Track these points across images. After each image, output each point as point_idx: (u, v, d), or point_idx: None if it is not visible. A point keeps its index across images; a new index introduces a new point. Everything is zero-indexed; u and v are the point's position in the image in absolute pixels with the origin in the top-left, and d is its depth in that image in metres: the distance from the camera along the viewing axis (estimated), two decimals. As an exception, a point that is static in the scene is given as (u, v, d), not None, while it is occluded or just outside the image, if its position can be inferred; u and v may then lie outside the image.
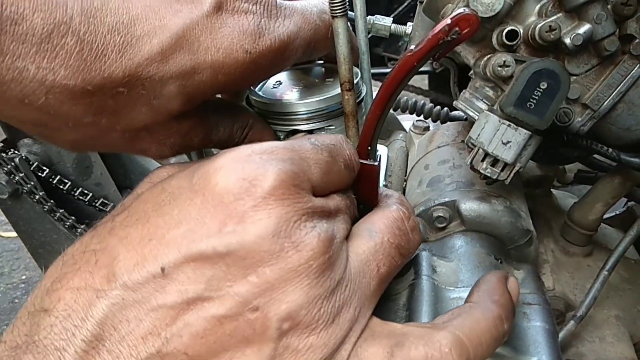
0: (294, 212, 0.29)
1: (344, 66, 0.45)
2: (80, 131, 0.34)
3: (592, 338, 0.53)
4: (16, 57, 0.29)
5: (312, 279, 0.29)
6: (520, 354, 0.39)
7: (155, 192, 0.32)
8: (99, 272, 0.28)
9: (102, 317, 0.28)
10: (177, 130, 0.38)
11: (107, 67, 0.31)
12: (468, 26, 0.33)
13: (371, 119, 0.38)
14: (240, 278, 0.28)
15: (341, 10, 0.43)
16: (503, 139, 0.47)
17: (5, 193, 0.73)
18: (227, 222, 0.28)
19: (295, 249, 0.29)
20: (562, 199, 0.69)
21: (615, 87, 0.48)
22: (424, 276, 0.44)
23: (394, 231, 0.35)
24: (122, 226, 0.30)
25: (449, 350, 0.31)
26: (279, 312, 0.28)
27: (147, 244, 0.29)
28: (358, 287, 0.32)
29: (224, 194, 0.29)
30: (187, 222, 0.29)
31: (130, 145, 0.38)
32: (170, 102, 0.34)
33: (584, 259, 0.59)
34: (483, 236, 0.50)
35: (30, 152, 0.75)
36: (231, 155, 0.30)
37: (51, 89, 0.30)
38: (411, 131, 0.76)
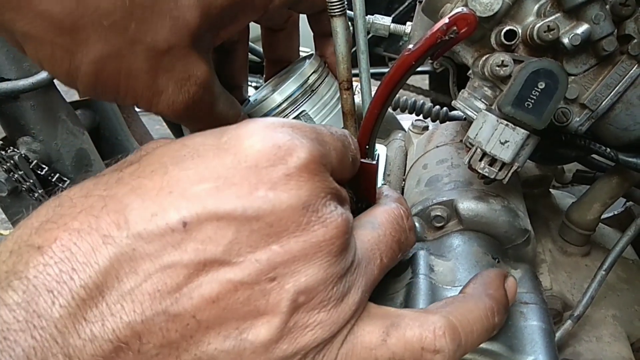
0: (322, 189, 0.29)
1: (342, 65, 0.45)
2: (107, 40, 0.33)
3: (589, 337, 0.53)
4: None
5: (332, 257, 0.29)
6: (517, 352, 0.39)
7: (175, 147, 0.29)
8: (107, 217, 0.26)
9: (107, 265, 0.25)
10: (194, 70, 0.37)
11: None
12: (466, 25, 0.34)
13: (369, 118, 0.39)
14: (263, 245, 0.27)
15: (340, 10, 0.43)
16: (501, 139, 0.47)
17: (4, 191, 0.73)
18: (260, 186, 0.27)
19: (321, 224, 0.28)
20: (560, 198, 0.69)
21: (613, 87, 0.48)
22: (422, 275, 0.44)
23: (395, 226, 0.36)
24: (134, 177, 0.28)
25: (442, 333, 0.32)
26: (297, 284, 0.28)
27: (167, 196, 0.27)
28: (365, 272, 0.32)
29: (258, 158, 0.28)
30: (215, 180, 0.27)
31: (151, 76, 0.36)
32: (189, 12, 0.34)
33: (581, 259, 0.59)
34: (481, 235, 0.50)
35: (29, 150, 0.75)
36: (263, 123, 0.30)
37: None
38: (410, 131, 0.76)
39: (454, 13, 0.33)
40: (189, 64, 0.37)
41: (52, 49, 0.34)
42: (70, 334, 0.24)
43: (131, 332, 0.25)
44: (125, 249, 0.26)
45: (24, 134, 0.77)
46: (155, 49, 0.35)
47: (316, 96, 0.49)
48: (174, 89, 0.37)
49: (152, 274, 0.26)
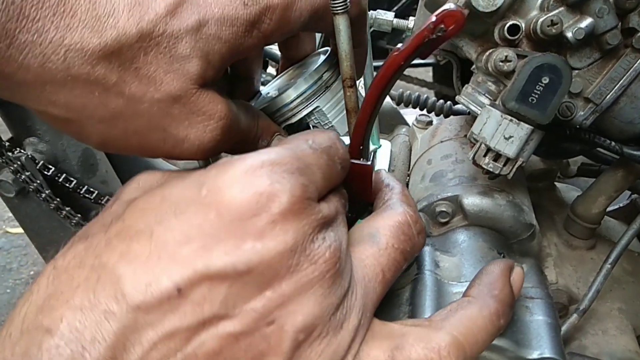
0: (309, 226, 0.29)
1: (345, 63, 0.45)
2: (107, 106, 0.33)
3: (595, 331, 0.53)
4: (36, 20, 0.29)
5: (325, 289, 0.29)
6: (523, 347, 0.40)
7: (154, 201, 0.30)
8: (104, 291, 0.27)
9: (114, 340, 0.26)
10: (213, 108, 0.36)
11: (121, 25, 0.31)
12: (453, 23, 0.33)
13: (362, 118, 0.39)
14: (256, 294, 0.28)
15: (342, 7, 0.43)
16: (505, 134, 0.47)
17: (12, 192, 0.73)
18: (246, 238, 0.28)
19: (309, 262, 0.29)
20: (565, 192, 0.69)
21: (617, 81, 0.48)
22: (427, 271, 0.45)
23: (399, 236, 0.35)
24: (120, 238, 0.29)
25: (447, 353, 0.32)
26: (295, 323, 0.28)
27: (157, 262, 0.27)
28: (364, 292, 0.32)
29: (241, 210, 0.28)
30: (201, 238, 0.28)
31: (164, 130, 0.35)
32: (189, 62, 0.34)
33: (587, 252, 0.59)
34: (486, 231, 0.51)
35: (36, 151, 0.75)
36: (242, 167, 0.29)
37: (70, 49, 0.31)
38: (414, 126, 0.76)
39: (441, 10, 0.33)
40: (205, 105, 0.36)
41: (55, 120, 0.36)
42: None
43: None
44: (127, 322, 0.27)
45: (30, 135, 0.78)
46: (158, 103, 0.34)
47: (330, 93, 0.49)
48: (197, 133, 0.36)
49: (157, 342, 0.27)
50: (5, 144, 0.71)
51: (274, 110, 0.48)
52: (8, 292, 2.22)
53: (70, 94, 0.32)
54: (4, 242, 2.47)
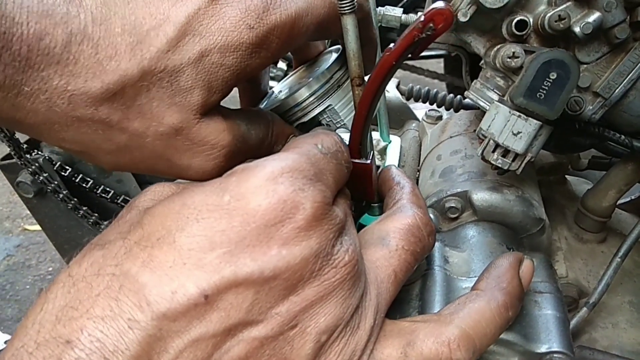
0: (330, 231, 0.31)
1: (353, 62, 0.46)
2: (112, 141, 0.34)
3: (605, 324, 0.54)
4: (41, 69, 0.30)
5: (345, 291, 0.31)
6: (532, 341, 0.40)
7: (174, 208, 0.30)
8: (127, 300, 0.26)
9: (138, 349, 0.26)
10: (215, 137, 0.36)
11: (122, 66, 0.32)
12: (442, 21, 0.33)
13: (358, 119, 0.39)
14: (282, 299, 0.29)
15: (349, 7, 0.43)
16: (514, 130, 0.47)
17: (30, 192, 0.75)
18: (272, 244, 0.28)
19: (331, 266, 0.30)
20: (576, 185, 0.69)
21: (626, 75, 0.48)
22: (437, 267, 0.45)
23: (409, 238, 0.36)
24: (142, 246, 0.28)
25: (457, 346, 0.33)
26: (318, 326, 0.30)
27: (182, 269, 0.27)
28: (378, 292, 0.34)
29: (266, 217, 0.28)
30: (226, 244, 0.28)
31: (168, 159, 0.36)
32: (190, 94, 0.34)
33: (597, 246, 0.59)
34: (495, 226, 0.51)
35: (52, 152, 0.77)
36: (263, 175, 0.30)
37: (74, 94, 0.31)
38: (424, 120, 0.76)
39: (430, 9, 0.33)
40: (207, 135, 0.36)
41: (68, 151, 0.36)
42: None
43: None
44: (153, 331, 0.26)
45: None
46: (162, 136, 0.34)
47: (342, 91, 0.50)
48: (200, 162, 0.36)
49: (183, 350, 0.27)
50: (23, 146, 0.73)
51: (285, 109, 0.48)
52: (27, 287, 2.26)
53: (77, 132, 0.33)
54: (22, 239, 2.52)
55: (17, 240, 2.52)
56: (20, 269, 2.36)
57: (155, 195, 0.35)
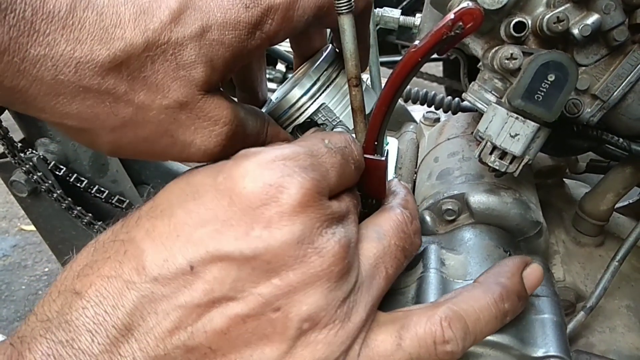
0: (317, 219, 0.31)
1: (350, 62, 0.45)
2: (117, 115, 0.34)
3: (603, 328, 0.53)
4: (47, 34, 0.31)
5: (332, 283, 0.31)
6: (528, 345, 0.40)
7: (180, 185, 0.33)
8: (129, 263, 0.30)
9: (132, 307, 0.29)
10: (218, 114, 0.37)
11: (127, 35, 0.32)
12: (472, 20, 0.33)
13: (377, 114, 0.39)
14: (264, 280, 0.30)
15: (347, 7, 0.43)
16: (511, 132, 0.47)
17: (24, 192, 0.75)
18: (254, 226, 0.30)
19: (317, 254, 0.30)
20: (574, 188, 0.68)
21: (625, 77, 0.48)
22: (433, 269, 0.45)
23: (400, 234, 0.37)
24: (148, 217, 0.32)
25: (448, 324, 0.34)
26: (300, 312, 0.30)
27: (175, 240, 0.30)
28: (370, 287, 0.34)
29: (251, 199, 0.30)
30: (214, 223, 0.30)
31: (171, 136, 0.36)
32: (194, 69, 0.35)
33: (595, 249, 0.59)
34: (492, 229, 0.51)
35: (47, 151, 0.76)
36: (256, 160, 0.31)
37: (80, 61, 0.32)
38: (421, 123, 0.76)
39: (460, 8, 0.33)
40: (210, 110, 0.36)
41: (67, 129, 0.37)
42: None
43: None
44: (146, 293, 0.30)
45: (41, 135, 0.79)
46: (166, 110, 0.35)
47: (334, 87, 0.49)
48: (203, 138, 0.37)
49: (169, 312, 0.30)
50: (17, 145, 0.72)
51: (281, 112, 0.48)
52: (23, 288, 2.25)
53: (82, 104, 0.33)
54: (18, 239, 2.51)
55: (13, 240, 2.51)
56: (17, 269, 2.35)
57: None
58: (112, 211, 0.78)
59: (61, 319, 0.30)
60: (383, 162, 0.40)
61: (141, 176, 0.84)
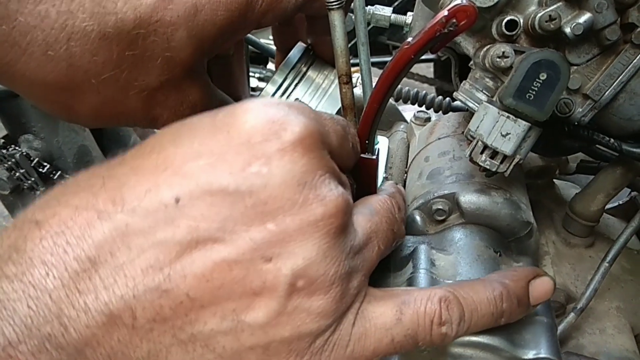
0: (320, 166, 0.28)
1: (341, 59, 0.45)
2: (101, 92, 0.34)
3: (593, 330, 0.53)
4: (38, 2, 0.29)
5: (331, 237, 0.28)
6: (519, 347, 0.39)
7: (175, 126, 0.30)
8: (104, 194, 0.26)
9: (101, 239, 0.26)
10: (188, 96, 0.37)
11: (119, 10, 0.31)
12: (465, 17, 0.33)
13: (369, 112, 0.38)
14: (257, 223, 0.27)
15: (337, 3, 0.42)
16: (502, 131, 0.46)
17: (6, 189, 0.73)
18: (252, 161, 0.27)
19: (319, 202, 0.28)
20: (564, 189, 0.68)
21: (616, 77, 0.47)
22: (422, 270, 0.44)
23: (389, 215, 0.36)
24: (134, 157, 0.29)
25: (446, 306, 0.33)
26: (294, 266, 0.27)
27: (161, 173, 0.27)
28: (364, 257, 0.32)
29: (251, 133, 0.27)
30: (208, 156, 0.27)
31: (146, 110, 0.36)
32: (182, 50, 0.34)
33: (585, 250, 0.59)
34: (483, 229, 0.50)
35: (30, 148, 0.75)
36: (261, 101, 0.29)
37: (72, 35, 0.30)
38: (412, 122, 0.76)
39: (453, 5, 0.33)
40: (181, 92, 0.36)
41: (50, 104, 0.35)
42: (64, 304, 0.25)
43: (124, 306, 0.25)
44: (119, 224, 0.26)
45: (25, 132, 0.77)
46: (148, 88, 0.35)
47: (306, 81, 0.49)
48: (169, 115, 0.37)
49: (145, 249, 0.26)
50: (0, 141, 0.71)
51: None
52: (8, 288, 2.22)
53: (72, 82, 0.33)
54: (3, 238, 2.48)
55: (-2, 239, 2.48)
56: (1, 268, 2.32)
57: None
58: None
59: (12, 251, 0.26)
60: (374, 160, 0.40)
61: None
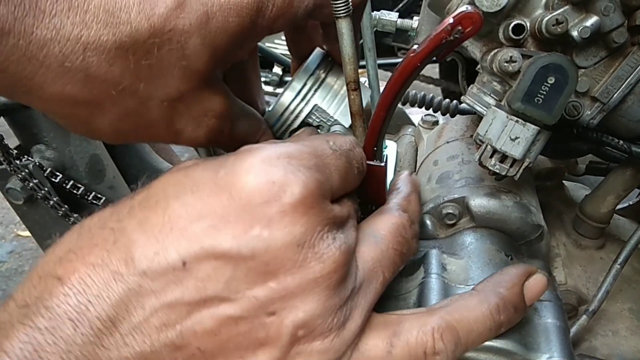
0: (319, 222, 0.30)
1: (349, 66, 0.45)
2: (120, 104, 0.34)
3: (605, 332, 0.53)
4: (53, 14, 0.30)
5: (330, 290, 0.30)
6: (531, 351, 0.39)
7: (178, 176, 0.31)
8: (117, 253, 0.28)
9: (118, 300, 0.28)
10: (211, 106, 0.38)
11: (133, 20, 0.32)
12: (471, 25, 0.33)
13: (376, 120, 0.39)
14: (260, 282, 0.29)
15: (345, 11, 0.43)
16: (511, 135, 0.47)
17: (20, 199, 0.74)
18: (254, 224, 0.28)
19: (317, 260, 0.29)
20: (574, 190, 0.68)
21: (624, 79, 0.47)
22: (434, 274, 0.44)
23: (398, 238, 0.36)
24: (141, 207, 0.30)
25: (440, 336, 0.33)
26: (296, 319, 0.29)
27: (168, 234, 0.28)
28: (366, 292, 0.33)
29: (252, 196, 0.29)
30: (211, 218, 0.28)
31: (168, 123, 0.37)
32: (198, 59, 0.34)
33: (596, 252, 0.59)
34: (493, 232, 0.50)
35: (43, 158, 0.76)
36: (259, 156, 0.30)
37: (88, 45, 0.31)
38: (420, 126, 0.76)
39: (459, 12, 0.33)
40: (203, 102, 0.37)
41: (69, 119, 0.36)
42: (92, 358, 0.28)
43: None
44: (133, 286, 0.28)
45: (37, 142, 0.78)
46: (168, 99, 0.35)
47: (324, 87, 0.49)
48: (193, 127, 0.38)
49: (158, 309, 0.28)
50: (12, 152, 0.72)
51: (276, 117, 0.48)
52: (20, 295, 2.24)
53: (89, 93, 0.33)
54: (15, 245, 2.50)
55: (10, 246, 2.50)
56: (14, 275, 2.33)
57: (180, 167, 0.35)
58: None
59: (40, 304, 0.28)
60: (383, 167, 0.40)
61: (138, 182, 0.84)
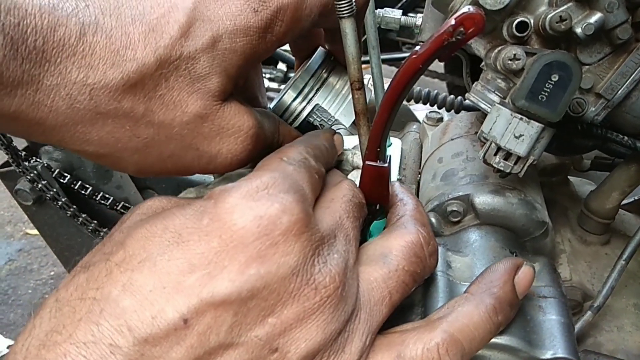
0: (310, 247, 0.30)
1: (353, 66, 0.45)
2: (137, 138, 0.34)
3: (610, 327, 0.53)
4: (58, 62, 0.30)
5: (327, 315, 0.30)
6: (536, 347, 0.40)
7: (156, 230, 0.29)
8: (108, 324, 0.26)
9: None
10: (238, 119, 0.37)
11: (139, 55, 0.32)
12: (473, 25, 0.33)
13: (379, 121, 0.39)
14: (260, 320, 0.28)
15: (348, 11, 0.43)
16: (515, 133, 0.47)
17: (29, 200, 0.75)
18: (250, 263, 0.28)
19: (310, 287, 0.29)
20: (579, 186, 0.68)
21: (629, 75, 0.47)
22: (439, 272, 0.45)
23: (411, 258, 0.35)
24: (122, 269, 0.28)
25: (445, 351, 0.33)
26: (299, 351, 0.29)
27: (161, 293, 0.27)
28: (369, 315, 0.33)
29: (243, 235, 0.28)
30: (204, 267, 0.28)
31: (198, 149, 0.36)
32: (209, 80, 0.34)
33: (601, 248, 0.59)
34: (498, 229, 0.50)
35: (51, 159, 0.77)
36: (238, 194, 0.30)
37: (94, 87, 0.31)
38: (424, 122, 0.76)
39: (461, 13, 0.33)
40: (231, 118, 0.36)
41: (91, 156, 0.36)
42: None
43: None
44: (135, 356, 0.26)
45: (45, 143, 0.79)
46: (188, 125, 0.35)
47: (326, 87, 0.50)
48: (229, 146, 0.37)
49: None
50: (21, 154, 0.72)
51: (280, 113, 0.48)
52: (30, 292, 2.26)
53: (102, 130, 0.33)
54: (24, 243, 2.52)
55: (18, 244, 2.52)
56: (22, 273, 2.36)
57: (147, 211, 0.34)
58: (117, 218, 0.78)
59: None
60: (385, 168, 0.40)
61: (145, 181, 0.85)
